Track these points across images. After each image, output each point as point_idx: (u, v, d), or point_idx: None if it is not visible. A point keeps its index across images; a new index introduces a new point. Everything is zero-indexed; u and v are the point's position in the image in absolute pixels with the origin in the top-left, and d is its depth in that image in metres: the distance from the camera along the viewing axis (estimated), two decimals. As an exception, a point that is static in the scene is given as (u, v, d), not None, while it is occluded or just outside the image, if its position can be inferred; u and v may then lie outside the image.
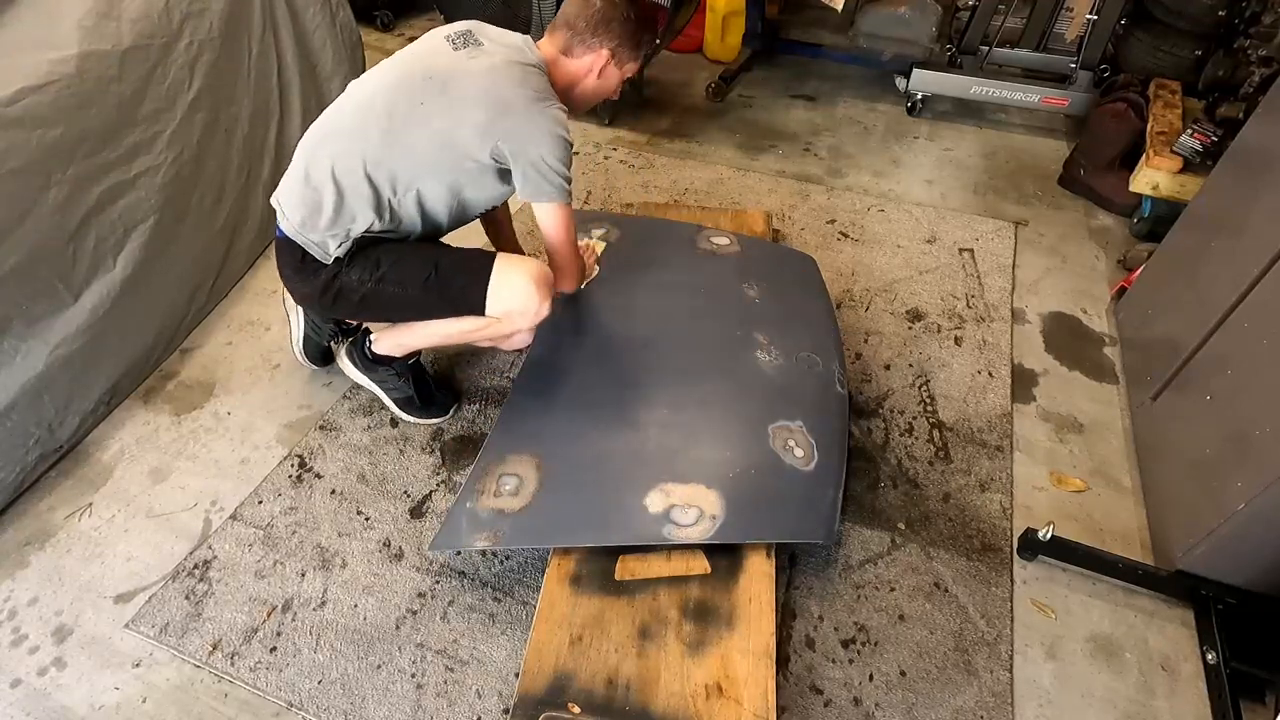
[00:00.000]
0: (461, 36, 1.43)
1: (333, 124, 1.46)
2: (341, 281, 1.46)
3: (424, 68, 1.40)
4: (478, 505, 1.44)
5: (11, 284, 1.52)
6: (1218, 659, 1.32)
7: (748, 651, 1.26)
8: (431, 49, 1.43)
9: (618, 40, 1.48)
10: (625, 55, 1.51)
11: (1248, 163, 1.71)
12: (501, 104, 1.36)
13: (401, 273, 1.46)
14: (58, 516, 1.56)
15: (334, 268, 1.46)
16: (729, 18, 3.27)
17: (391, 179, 1.41)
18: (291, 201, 1.45)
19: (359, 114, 1.42)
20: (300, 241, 1.45)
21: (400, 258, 1.47)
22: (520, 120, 1.36)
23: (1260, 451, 1.28)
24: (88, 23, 1.68)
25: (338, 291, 1.47)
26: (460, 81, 1.37)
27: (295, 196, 1.44)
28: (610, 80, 1.54)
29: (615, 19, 1.46)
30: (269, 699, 1.29)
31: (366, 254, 1.46)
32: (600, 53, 1.48)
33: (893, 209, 2.50)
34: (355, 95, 1.46)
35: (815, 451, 1.51)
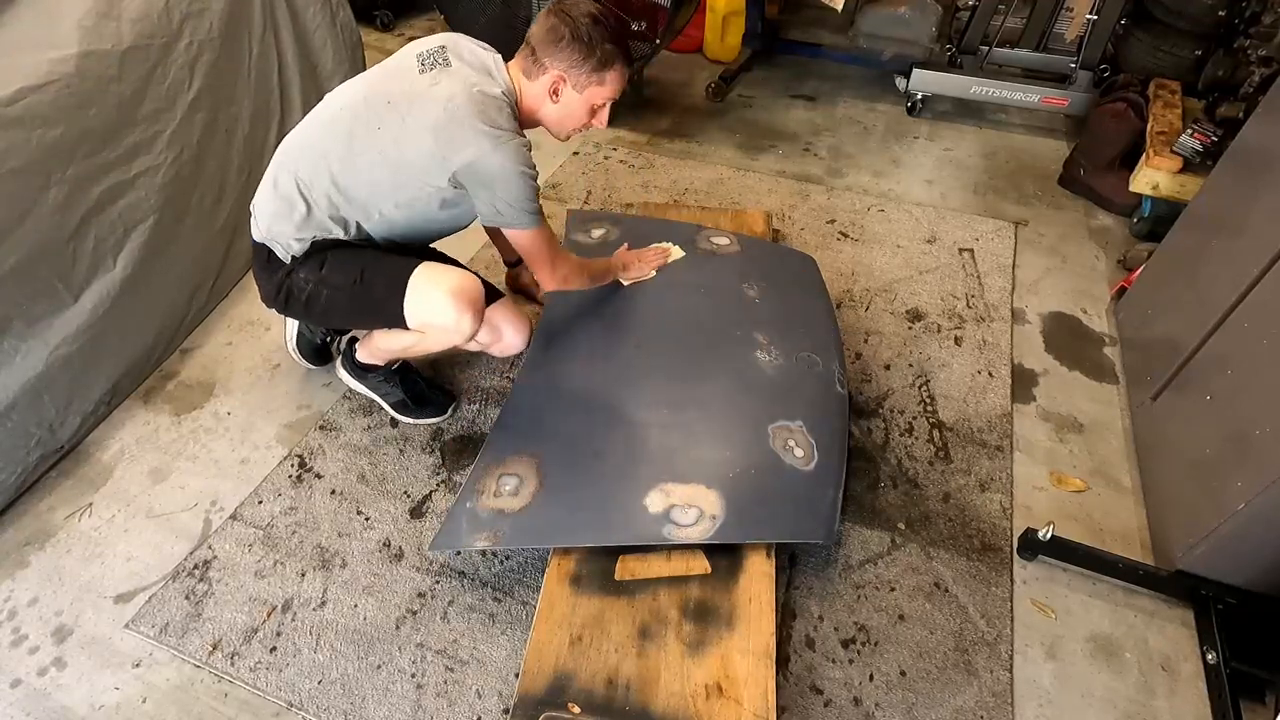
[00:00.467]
0: (431, 56, 1.38)
1: (303, 137, 1.45)
2: (290, 281, 1.46)
3: (386, 91, 1.37)
4: (478, 505, 1.44)
5: (11, 284, 1.52)
6: (1218, 659, 1.32)
7: (748, 651, 1.26)
8: (399, 69, 1.40)
9: (568, 62, 1.36)
10: (583, 78, 1.38)
11: (1248, 163, 1.71)
12: (455, 139, 1.30)
13: (336, 277, 1.44)
14: (58, 516, 1.56)
15: (288, 267, 1.46)
16: (729, 18, 3.27)
17: (354, 199, 1.41)
18: (263, 207, 1.46)
19: (325, 131, 1.42)
20: (267, 242, 1.46)
21: (338, 262, 1.45)
22: (473, 155, 1.31)
23: (1260, 451, 1.28)
24: (88, 22, 1.68)
25: (288, 292, 1.47)
26: (418, 109, 1.32)
27: (266, 202, 1.46)
28: (573, 106, 1.42)
29: (564, 37, 1.34)
30: (269, 699, 1.29)
31: (318, 256, 1.45)
32: (551, 74, 1.38)
33: (893, 209, 2.50)
34: (325, 110, 1.45)
35: (815, 451, 1.51)
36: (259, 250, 1.50)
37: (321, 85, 2.44)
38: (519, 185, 1.34)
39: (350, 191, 1.40)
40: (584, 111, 1.44)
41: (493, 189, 1.34)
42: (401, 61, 1.41)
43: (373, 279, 1.43)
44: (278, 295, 1.49)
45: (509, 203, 1.36)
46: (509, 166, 1.32)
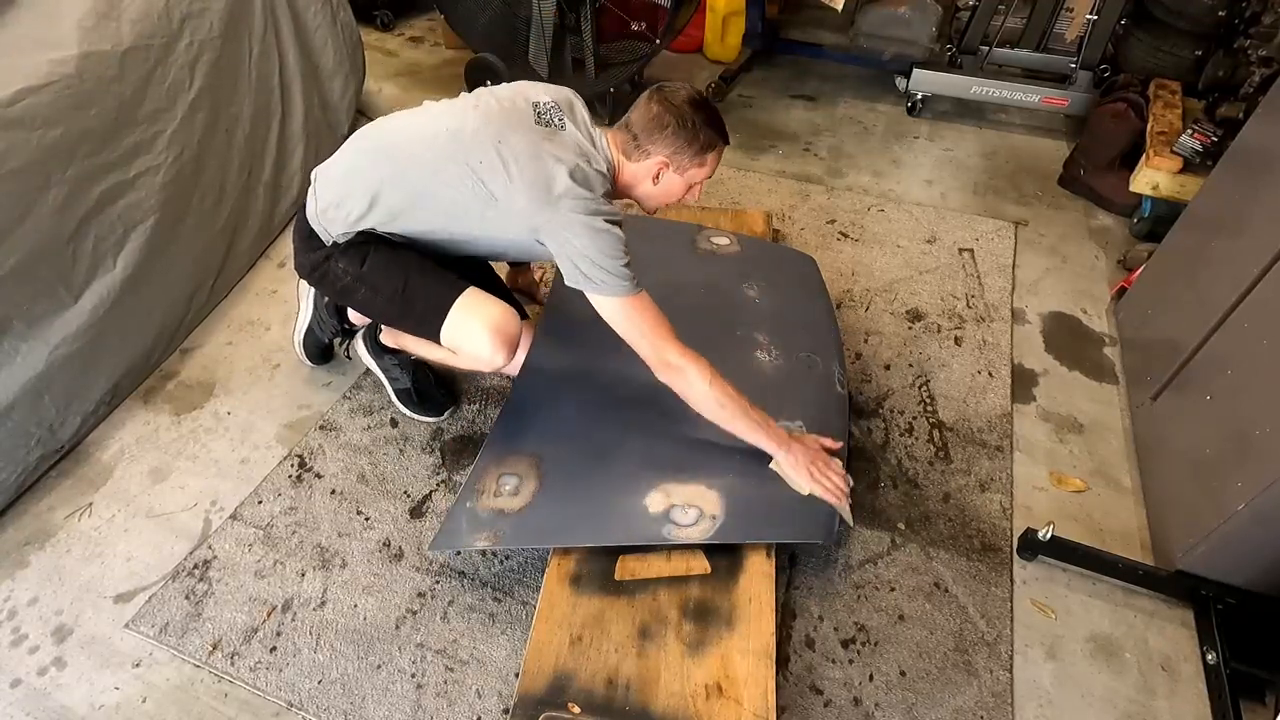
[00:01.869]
0: (550, 111, 1.40)
1: (391, 143, 1.44)
2: (329, 266, 1.49)
3: (499, 133, 1.35)
4: (477, 505, 1.44)
5: (12, 284, 1.52)
6: (1218, 659, 1.32)
7: (748, 651, 1.26)
8: (516, 113, 1.39)
9: (673, 148, 1.39)
10: (686, 162, 1.41)
11: (1248, 163, 1.71)
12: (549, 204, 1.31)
13: (377, 278, 1.46)
14: (58, 516, 1.56)
15: (329, 249, 1.48)
16: (729, 18, 3.27)
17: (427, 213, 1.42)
18: (327, 187, 1.47)
19: (418, 146, 1.40)
20: (314, 221, 1.48)
21: (381, 262, 1.46)
22: (560, 224, 1.31)
23: (1260, 451, 1.28)
24: (88, 23, 1.68)
25: (324, 273, 1.51)
26: (524, 164, 1.33)
27: (333, 185, 1.46)
28: (673, 187, 1.46)
29: (670, 124, 1.37)
30: (269, 699, 1.29)
31: (362, 247, 1.47)
32: (655, 159, 1.41)
33: (893, 209, 2.50)
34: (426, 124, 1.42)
35: (815, 451, 1.51)
36: (303, 222, 1.51)
37: (323, 85, 2.44)
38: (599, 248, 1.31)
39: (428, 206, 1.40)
40: (681, 190, 1.47)
41: (573, 255, 1.33)
42: (519, 104, 1.40)
43: (416, 293, 1.46)
44: (313, 272, 1.52)
45: (590, 265, 1.31)
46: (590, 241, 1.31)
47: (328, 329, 1.78)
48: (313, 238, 1.50)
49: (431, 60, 3.39)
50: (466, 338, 1.45)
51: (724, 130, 1.44)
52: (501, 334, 1.45)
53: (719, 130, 1.43)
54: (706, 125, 1.39)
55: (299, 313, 1.80)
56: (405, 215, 1.43)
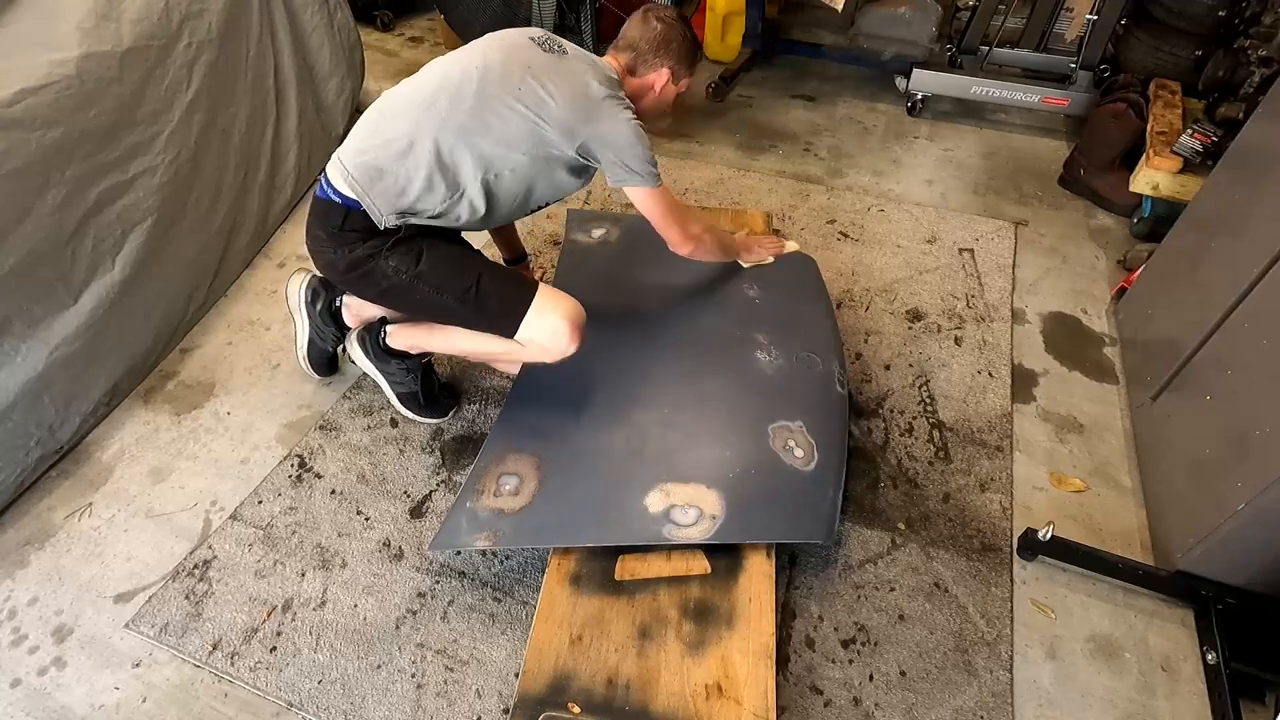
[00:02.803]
0: (547, 42, 1.51)
1: (412, 98, 1.46)
2: (376, 264, 1.43)
3: (523, 59, 1.45)
4: (477, 505, 1.44)
5: (11, 285, 1.52)
6: (1218, 659, 1.32)
7: (748, 651, 1.26)
8: (522, 46, 1.49)
9: (675, 59, 1.58)
10: (682, 72, 1.62)
11: (1248, 163, 1.71)
12: (594, 106, 1.44)
13: (441, 277, 1.46)
14: (58, 516, 1.56)
15: (373, 247, 1.42)
16: (729, 18, 3.27)
17: (473, 155, 1.42)
18: (359, 165, 1.41)
19: (447, 91, 1.43)
20: (364, 204, 1.40)
21: (442, 261, 1.47)
22: (609, 122, 1.45)
23: (1260, 451, 1.28)
24: (87, 24, 1.68)
25: (367, 272, 1.44)
26: (559, 79, 1.44)
27: (364, 161, 1.41)
28: (668, 95, 1.64)
29: (674, 39, 1.57)
30: (269, 699, 1.30)
31: (411, 244, 1.44)
32: (661, 71, 1.58)
33: (893, 209, 2.50)
34: (438, 74, 1.47)
35: (815, 451, 1.51)
36: (330, 211, 1.43)
37: (318, 87, 2.44)
38: (643, 145, 1.47)
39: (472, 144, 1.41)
40: (671, 99, 1.66)
41: (621, 153, 1.46)
42: (518, 40, 1.51)
43: (489, 291, 1.48)
44: (351, 270, 1.45)
45: (635, 160, 1.47)
46: (634, 130, 1.46)
47: (329, 338, 1.76)
48: (345, 229, 1.42)
49: (432, 60, 3.39)
50: (547, 332, 1.49)
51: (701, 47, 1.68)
52: (579, 326, 1.51)
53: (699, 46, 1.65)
54: (695, 41, 1.62)
55: (296, 328, 1.77)
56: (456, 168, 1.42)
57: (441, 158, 1.41)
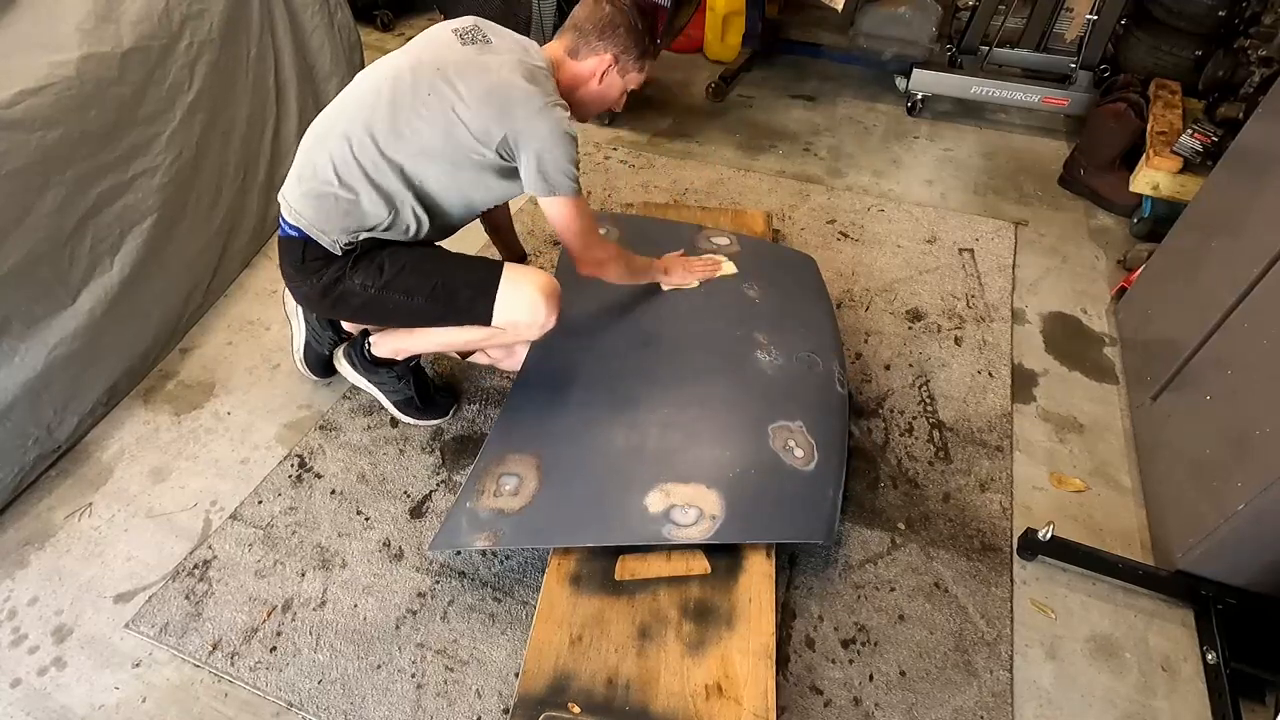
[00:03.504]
0: (470, 32, 1.43)
1: (335, 120, 1.43)
2: (344, 285, 1.44)
3: (434, 58, 1.39)
4: (477, 505, 1.44)
5: (10, 285, 1.52)
6: (1218, 659, 1.32)
7: (748, 651, 1.26)
8: (440, 42, 1.43)
9: (622, 46, 1.48)
10: (629, 63, 1.51)
11: (1248, 163, 1.71)
12: (510, 101, 1.35)
13: (407, 282, 1.44)
14: (58, 516, 1.57)
15: (337, 270, 1.43)
16: (729, 18, 3.27)
17: (397, 171, 1.39)
18: (299, 197, 1.42)
19: (363, 107, 1.40)
20: (312, 235, 1.41)
21: (405, 266, 1.45)
22: (527, 117, 1.35)
23: (1260, 451, 1.28)
24: (87, 25, 1.68)
25: (339, 295, 1.45)
26: (471, 76, 1.36)
27: (304, 191, 1.41)
28: (612, 88, 1.54)
29: (622, 25, 1.46)
30: (269, 699, 1.30)
31: (371, 258, 1.44)
32: (604, 57, 1.48)
33: (893, 209, 2.50)
34: (357, 90, 1.44)
35: (815, 451, 1.51)
36: (291, 246, 1.45)
37: (319, 87, 2.44)
38: (565, 145, 1.38)
39: (396, 159, 1.38)
40: (619, 95, 1.56)
41: (539, 153, 1.37)
42: (438, 35, 1.44)
43: (456, 282, 1.46)
44: (324, 298, 1.46)
45: (552, 166, 1.38)
46: (557, 127, 1.36)
47: (325, 341, 1.76)
48: (307, 262, 1.44)
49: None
50: (521, 308, 1.46)
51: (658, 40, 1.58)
52: (554, 295, 1.48)
53: (654, 40, 1.54)
54: (649, 31, 1.50)
55: (292, 331, 1.77)
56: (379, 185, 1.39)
57: (370, 176, 1.39)
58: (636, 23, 1.47)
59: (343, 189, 1.39)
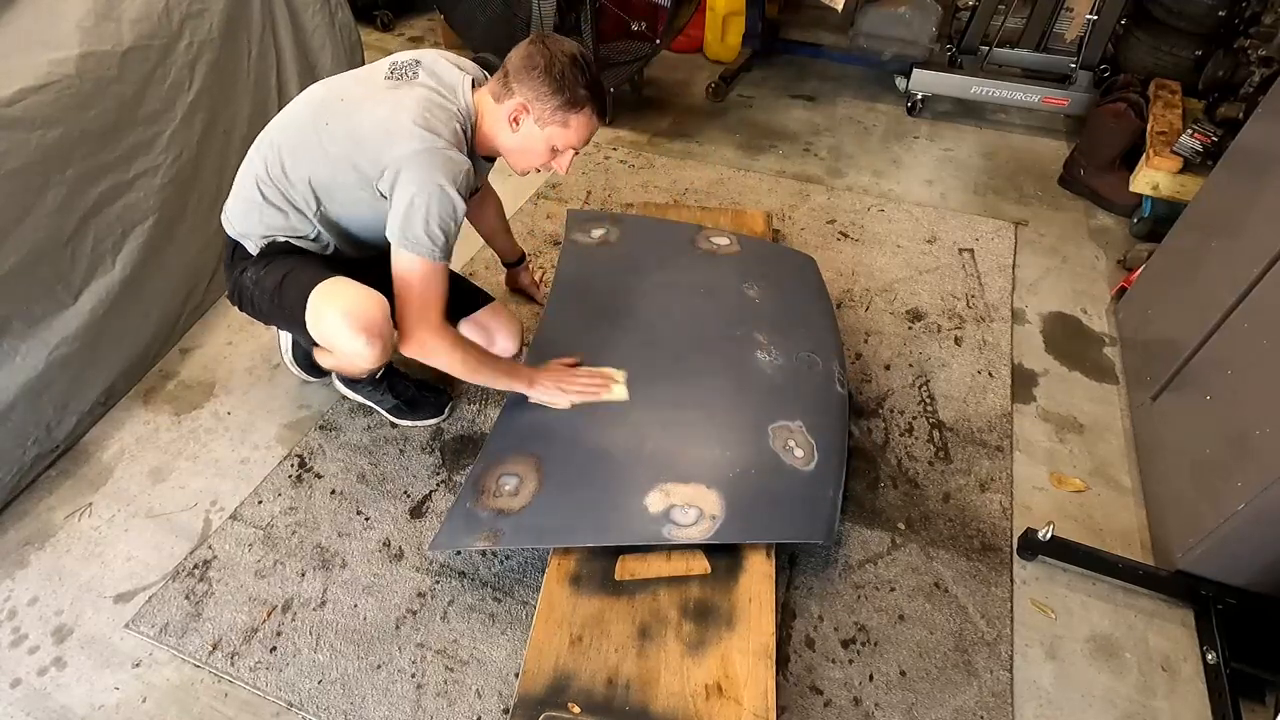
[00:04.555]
0: (403, 68, 1.36)
1: (267, 132, 1.45)
2: (241, 279, 1.48)
3: (344, 90, 1.38)
4: (477, 505, 1.44)
5: (11, 285, 1.52)
6: (1218, 659, 1.32)
7: (748, 651, 1.26)
8: (368, 74, 1.39)
9: (535, 92, 1.31)
10: (547, 113, 1.33)
11: (1248, 163, 1.71)
12: (388, 141, 1.27)
13: (266, 281, 1.44)
14: (58, 516, 1.56)
15: (241, 265, 1.48)
16: (729, 18, 3.27)
17: (301, 193, 1.40)
18: (233, 205, 1.49)
19: (284, 126, 1.42)
20: (235, 236, 1.49)
21: (277, 265, 1.44)
22: (405, 157, 1.26)
23: (1260, 451, 1.28)
24: (87, 23, 1.68)
25: (240, 288, 1.49)
26: (366, 109, 1.31)
27: (236, 200, 1.48)
28: (532, 141, 1.37)
29: (539, 67, 1.30)
30: (269, 699, 1.29)
31: (271, 255, 1.46)
32: (515, 100, 1.33)
33: (893, 209, 2.50)
34: (293, 106, 1.45)
35: (815, 451, 1.51)
36: (227, 246, 1.52)
37: (321, 85, 2.44)
38: (435, 200, 1.26)
39: (297, 183, 1.39)
40: (544, 149, 1.39)
41: (407, 195, 1.26)
42: (374, 68, 1.40)
43: (288, 287, 1.38)
44: (234, 291, 1.52)
45: (417, 217, 1.26)
46: (434, 176, 1.25)
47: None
48: (234, 259, 1.50)
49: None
50: (327, 328, 1.34)
51: (600, 98, 1.36)
52: (357, 317, 1.31)
53: (593, 95, 1.34)
54: (577, 81, 1.31)
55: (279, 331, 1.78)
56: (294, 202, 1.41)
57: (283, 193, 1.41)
58: (560, 68, 1.29)
59: (263, 202, 1.42)
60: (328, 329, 1.35)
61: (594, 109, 1.36)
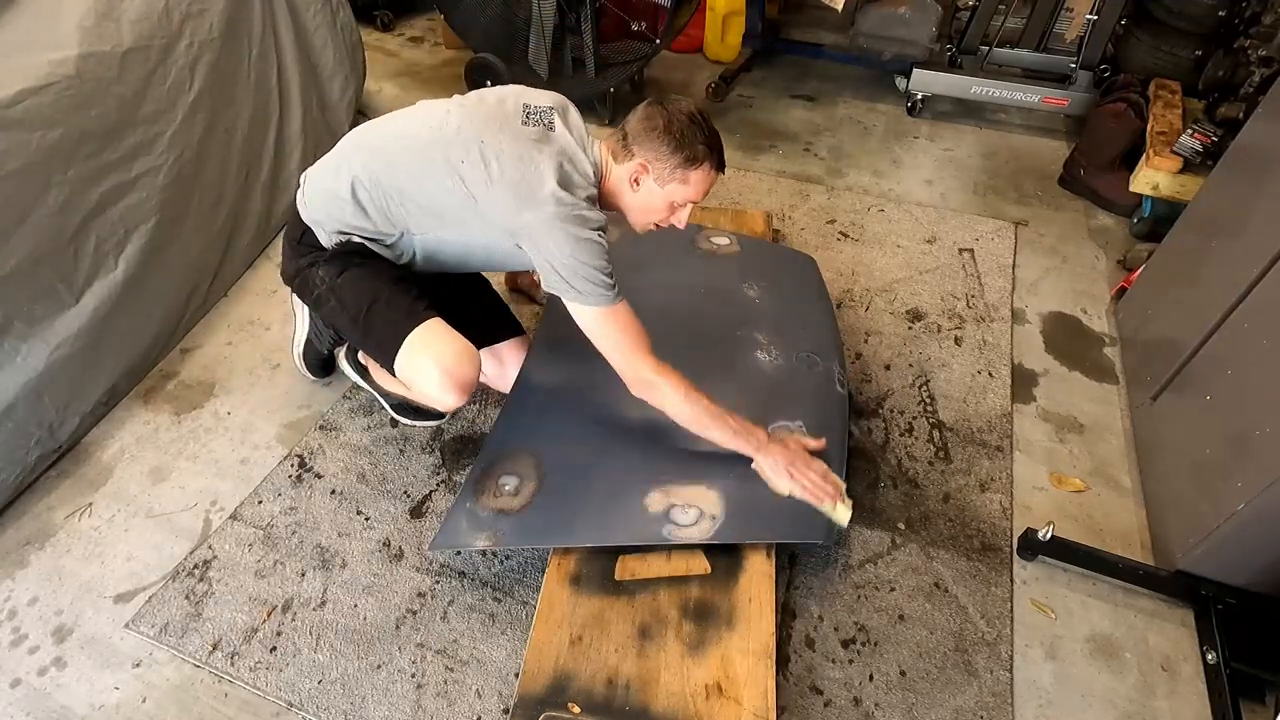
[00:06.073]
0: (539, 113, 1.37)
1: (377, 138, 1.43)
2: (310, 273, 1.46)
3: (483, 132, 1.34)
4: (477, 505, 1.44)
5: (13, 285, 1.52)
6: (1218, 659, 1.32)
7: (748, 651, 1.26)
8: (503, 114, 1.37)
9: (655, 153, 1.34)
10: (666, 171, 1.35)
11: (1248, 163, 1.71)
12: (528, 200, 1.29)
13: (347, 294, 1.43)
14: (58, 516, 1.57)
15: (314, 257, 1.46)
16: (729, 18, 3.27)
17: (408, 213, 1.39)
18: (315, 189, 1.46)
19: (405, 143, 1.39)
20: (310, 224, 1.46)
21: (358, 277, 1.43)
22: (537, 223, 1.29)
23: (1260, 451, 1.28)
24: (88, 23, 1.68)
25: (304, 279, 1.48)
26: (505, 162, 1.31)
27: (320, 185, 1.45)
28: (652, 199, 1.39)
29: (659, 128, 1.33)
30: (269, 699, 1.30)
31: (346, 259, 1.45)
32: (636, 161, 1.36)
33: (893, 209, 2.50)
34: (411, 123, 1.42)
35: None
36: (296, 222, 1.49)
37: (322, 86, 2.44)
38: (581, 249, 1.28)
39: (410, 205, 1.38)
40: (664, 206, 1.40)
41: (549, 259, 1.30)
42: (507, 105, 1.38)
43: (377, 317, 1.40)
44: (295, 278, 1.50)
45: (569, 272, 1.29)
46: (566, 238, 1.28)
47: (325, 339, 1.75)
48: (302, 242, 1.47)
49: (431, 60, 3.39)
50: (417, 374, 1.37)
51: (717, 152, 1.38)
52: (452, 376, 1.36)
53: (711, 149, 1.36)
54: (696, 138, 1.33)
55: (295, 325, 1.77)
56: (390, 214, 1.40)
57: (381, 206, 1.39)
58: (679, 127, 1.33)
59: (354, 205, 1.40)
60: (419, 376, 1.37)
61: (712, 164, 1.37)
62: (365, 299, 1.41)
